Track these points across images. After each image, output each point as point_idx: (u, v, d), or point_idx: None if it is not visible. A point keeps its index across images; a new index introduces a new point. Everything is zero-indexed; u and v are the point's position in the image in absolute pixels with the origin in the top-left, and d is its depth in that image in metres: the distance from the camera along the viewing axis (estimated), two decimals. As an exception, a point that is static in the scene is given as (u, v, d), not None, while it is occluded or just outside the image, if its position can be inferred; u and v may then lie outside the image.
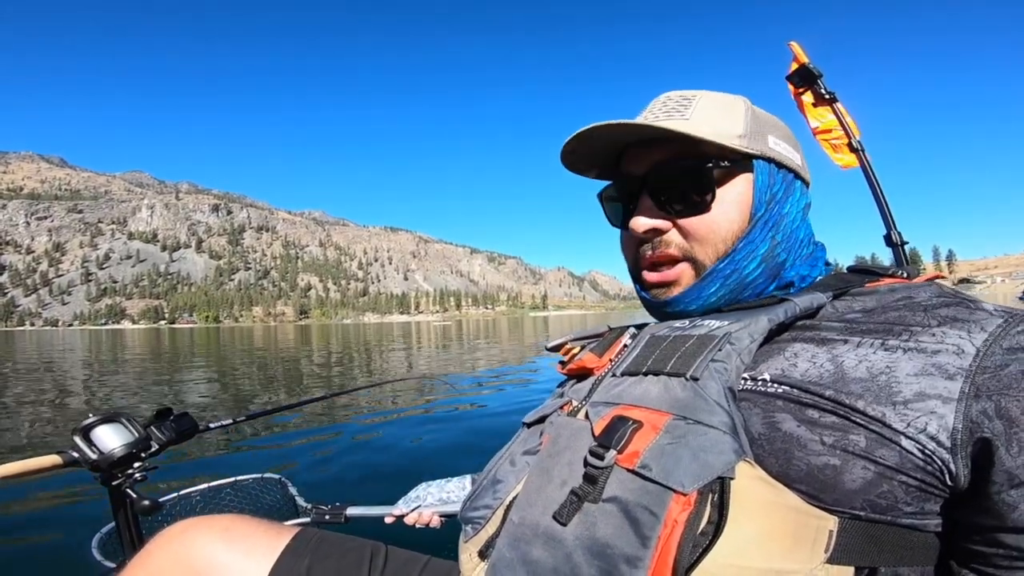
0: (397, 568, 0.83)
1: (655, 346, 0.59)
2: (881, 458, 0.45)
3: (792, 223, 0.65)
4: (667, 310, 0.66)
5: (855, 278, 0.63)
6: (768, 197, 0.63)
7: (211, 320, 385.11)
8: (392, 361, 13.92)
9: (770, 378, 0.52)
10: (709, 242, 0.62)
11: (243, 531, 0.84)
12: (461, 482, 1.20)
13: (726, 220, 0.62)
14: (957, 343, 0.48)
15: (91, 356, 17.81)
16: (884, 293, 0.59)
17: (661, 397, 0.51)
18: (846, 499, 0.45)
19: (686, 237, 0.64)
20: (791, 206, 0.65)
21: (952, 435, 0.45)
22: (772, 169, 0.64)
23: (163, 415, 1.26)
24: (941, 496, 0.47)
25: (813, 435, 0.47)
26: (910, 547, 0.47)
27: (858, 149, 1.81)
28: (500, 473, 0.61)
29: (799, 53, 1.92)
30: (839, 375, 0.49)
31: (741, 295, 0.64)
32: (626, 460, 0.47)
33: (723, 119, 0.63)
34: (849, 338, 0.53)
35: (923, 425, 0.45)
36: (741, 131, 0.62)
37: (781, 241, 0.64)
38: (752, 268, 0.63)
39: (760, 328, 0.54)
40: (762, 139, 0.63)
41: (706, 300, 0.64)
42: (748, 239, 0.62)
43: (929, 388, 0.46)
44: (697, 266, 0.64)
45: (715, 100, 0.65)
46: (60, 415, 6.47)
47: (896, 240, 1.69)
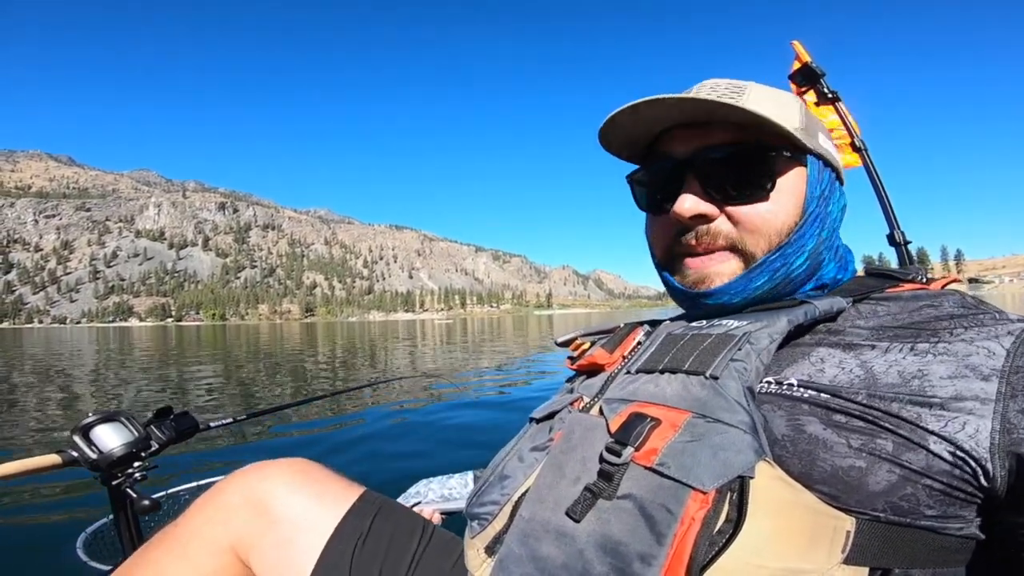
0: (440, 545, 0.84)
1: (672, 344, 0.58)
2: (908, 462, 0.45)
3: (835, 222, 0.65)
4: (707, 302, 0.64)
5: (875, 283, 0.63)
6: (819, 193, 0.63)
7: (217, 318, 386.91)
8: (396, 359, 13.93)
9: (797, 383, 0.52)
10: (762, 233, 0.60)
11: (317, 478, 0.85)
12: (463, 478, 1.16)
13: (782, 211, 0.61)
14: (987, 345, 0.49)
15: (99, 354, 17.92)
16: (907, 300, 0.58)
17: (679, 395, 0.51)
18: (868, 501, 0.45)
19: (737, 226, 0.61)
20: (834, 205, 0.65)
21: (991, 436, 0.45)
22: (821, 166, 0.63)
23: (163, 414, 1.25)
24: (971, 499, 0.46)
25: (840, 438, 0.47)
26: (925, 549, 0.47)
27: (861, 149, 1.80)
28: (508, 469, 0.60)
29: (801, 52, 1.91)
30: (870, 380, 0.49)
31: (784, 289, 0.63)
32: (643, 457, 0.47)
33: (781, 109, 0.61)
34: (877, 344, 0.52)
35: (960, 426, 0.45)
36: (798, 124, 0.61)
37: (826, 239, 0.64)
38: (800, 263, 0.62)
39: (779, 329, 0.54)
40: (814, 135, 0.63)
41: (751, 293, 0.62)
42: (800, 233, 0.61)
43: (965, 390, 0.46)
44: (746, 257, 0.61)
45: (768, 91, 0.63)
46: (66, 412, 6.52)
47: (899, 240, 1.69)
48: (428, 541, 0.84)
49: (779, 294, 0.63)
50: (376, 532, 0.81)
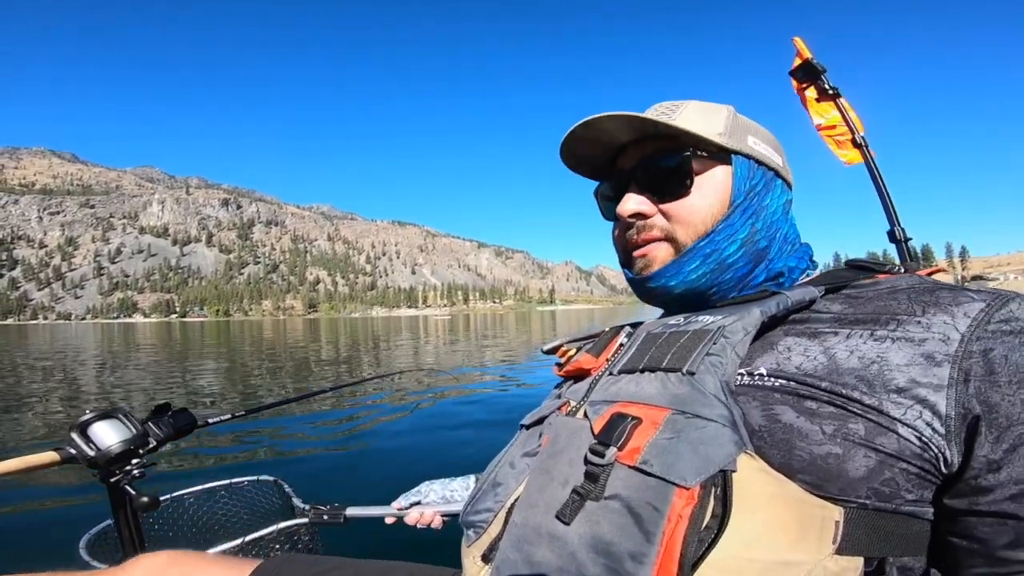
0: None
1: (651, 343, 0.60)
2: (881, 445, 0.46)
3: (772, 215, 0.69)
4: (649, 285, 0.69)
5: (849, 274, 0.65)
6: (747, 188, 0.67)
7: (221, 314, 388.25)
8: (399, 355, 13.96)
9: (766, 372, 0.53)
10: (689, 223, 0.66)
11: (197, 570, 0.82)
12: (465, 481, 1.19)
13: (704, 204, 0.66)
14: (943, 330, 0.49)
15: (103, 350, 18.00)
16: (870, 286, 0.60)
17: (659, 393, 0.52)
18: (851, 488, 0.46)
19: (668, 219, 0.67)
20: (771, 200, 0.69)
21: (945, 422, 0.46)
22: (752, 165, 0.68)
23: (161, 411, 1.25)
24: (935, 483, 0.47)
25: (813, 425, 0.47)
26: (915, 536, 0.47)
27: (862, 145, 1.80)
28: (500, 476, 0.61)
29: (802, 49, 1.92)
30: (833, 367, 0.50)
31: (722, 276, 0.66)
32: (627, 456, 0.48)
33: (705, 119, 0.67)
34: (839, 330, 0.54)
35: (918, 413, 0.46)
36: (721, 129, 0.67)
37: (761, 229, 0.67)
38: (732, 250, 0.66)
39: (753, 320, 0.55)
40: (741, 138, 0.68)
41: (686, 276, 0.66)
42: (728, 223, 0.66)
43: (920, 376, 0.47)
44: (677, 245, 0.67)
45: (700, 106, 0.70)
46: (70, 408, 6.55)
47: (900, 236, 1.70)
48: None
49: (720, 279, 0.67)
50: None
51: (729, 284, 0.67)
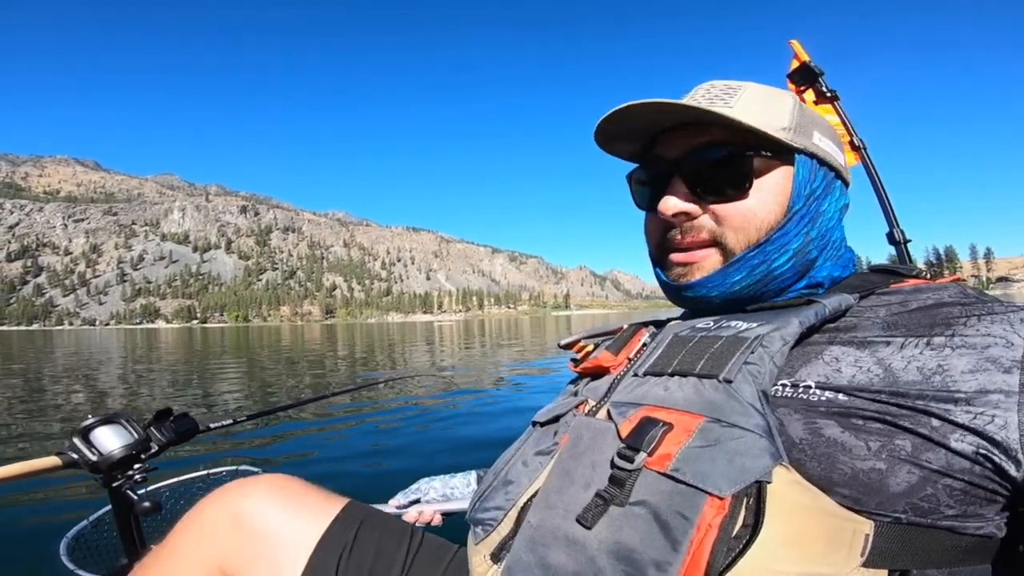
0: (430, 552, 0.83)
1: (680, 346, 0.58)
2: (927, 461, 0.45)
3: (828, 222, 0.64)
4: (687, 294, 0.65)
5: (879, 279, 0.63)
6: (808, 192, 0.62)
7: (241, 319, 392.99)
8: (413, 359, 14.08)
9: (814, 384, 0.51)
10: (742, 230, 0.61)
11: (298, 492, 0.85)
12: (465, 478, 1.16)
13: (763, 210, 0.61)
14: (1004, 335, 0.48)
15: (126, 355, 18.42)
16: (909, 293, 0.57)
17: (692, 399, 0.50)
18: (888, 503, 0.45)
19: (719, 223, 0.62)
20: (829, 204, 0.65)
21: (1020, 427, 0.44)
22: (814, 165, 0.63)
23: (163, 415, 1.25)
24: (994, 495, 0.46)
25: (859, 440, 0.46)
26: (944, 549, 0.46)
27: (859, 147, 1.80)
28: (512, 474, 0.60)
29: (800, 51, 1.91)
30: (891, 378, 0.48)
31: (767, 287, 0.62)
32: (656, 463, 0.46)
33: (769, 110, 0.61)
34: (891, 339, 0.51)
35: (990, 419, 0.44)
36: (786, 124, 0.61)
37: (816, 238, 0.63)
38: (782, 261, 0.61)
39: (791, 331, 0.53)
40: (807, 134, 0.62)
41: (729, 288, 0.62)
42: (783, 231, 0.61)
43: (988, 383, 0.45)
44: (726, 252, 0.62)
45: (761, 91, 0.64)
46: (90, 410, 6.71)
47: (899, 238, 1.69)
48: (417, 549, 0.83)
49: (762, 291, 0.63)
50: (362, 543, 0.80)
51: (771, 294, 0.63)
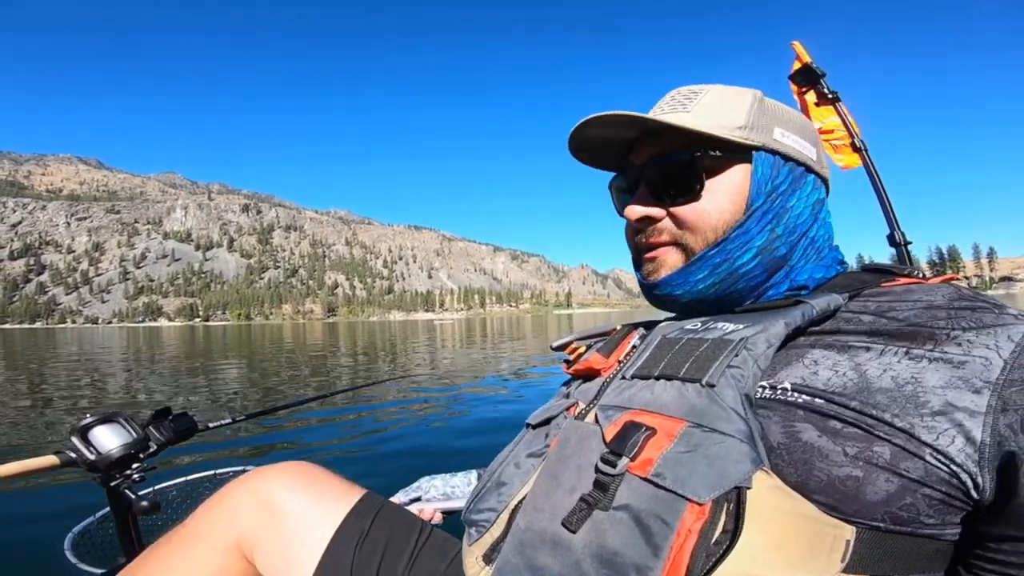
0: (437, 545, 0.85)
1: (667, 349, 0.58)
2: (905, 471, 0.44)
3: (798, 217, 0.64)
4: (655, 292, 0.67)
5: (869, 278, 0.62)
6: (769, 189, 0.62)
7: (243, 318, 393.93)
8: (413, 357, 14.08)
9: (791, 387, 0.51)
10: (699, 230, 0.62)
11: (319, 480, 0.87)
12: (466, 477, 1.17)
13: (716, 209, 0.62)
14: (984, 354, 0.47)
15: (128, 353, 18.45)
16: (899, 294, 0.57)
17: (675, 403, 0.50)
18: (867, 511, 0.44)
19: (678, 225, 0.64)
20: (798, 200, 0.64)
21: (980, 448, 0.44)
22: (776, 161, 0.63)
23: (162, 415, 1.25)
24: (963, 508, 0.46)
25: (835, 446, 0.46)
26: (924, 555, 0.46)
27: (861, 149, 1.80)
28: (505, 476, 0.61)
29: (802, 53, 1.92)
30: (863, 385, 0.48)
31: (734, 286, 0.63)
32: (639, 468, 0.47)
33: (724, 111, 0.62)
34: (872, 345, 0.51)
35: (951, 438, 0.44)
36: (742, 123, 0.61)
37: (783, 234, 0.62)
38: (747, 259, 0.61)
39: (777, 333, 0.53)
40: (766, 131, 0.63)
41: (693, 286, 0.63)
42: (743, 229, 0.61)
43: (956, 400, 0.45)
44: (686, 252, 0.63)
45: (721, 93, 0.65)
46: (89, 410, 6.69)
47: (899, 240, 1.69)
48: (425, 541, 0.85)
49: (732, 290, 0.63)
50: (375, 532, 0.82)
51: (742, 293, 0.63)
